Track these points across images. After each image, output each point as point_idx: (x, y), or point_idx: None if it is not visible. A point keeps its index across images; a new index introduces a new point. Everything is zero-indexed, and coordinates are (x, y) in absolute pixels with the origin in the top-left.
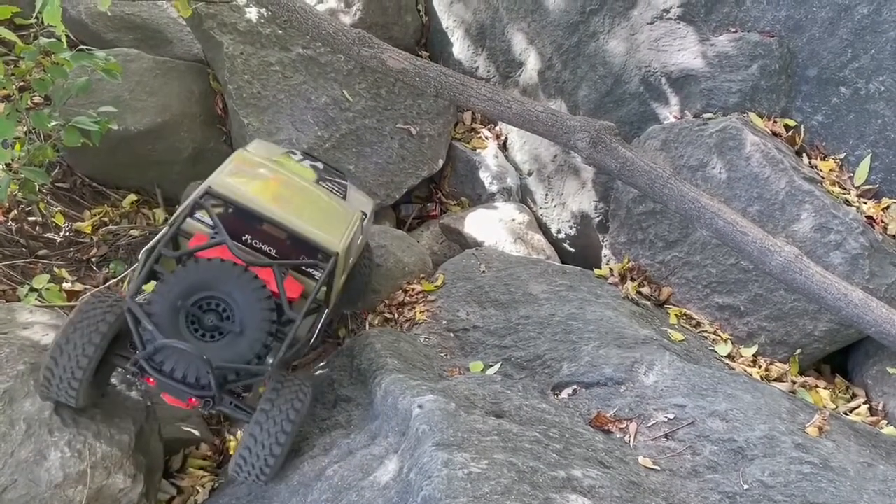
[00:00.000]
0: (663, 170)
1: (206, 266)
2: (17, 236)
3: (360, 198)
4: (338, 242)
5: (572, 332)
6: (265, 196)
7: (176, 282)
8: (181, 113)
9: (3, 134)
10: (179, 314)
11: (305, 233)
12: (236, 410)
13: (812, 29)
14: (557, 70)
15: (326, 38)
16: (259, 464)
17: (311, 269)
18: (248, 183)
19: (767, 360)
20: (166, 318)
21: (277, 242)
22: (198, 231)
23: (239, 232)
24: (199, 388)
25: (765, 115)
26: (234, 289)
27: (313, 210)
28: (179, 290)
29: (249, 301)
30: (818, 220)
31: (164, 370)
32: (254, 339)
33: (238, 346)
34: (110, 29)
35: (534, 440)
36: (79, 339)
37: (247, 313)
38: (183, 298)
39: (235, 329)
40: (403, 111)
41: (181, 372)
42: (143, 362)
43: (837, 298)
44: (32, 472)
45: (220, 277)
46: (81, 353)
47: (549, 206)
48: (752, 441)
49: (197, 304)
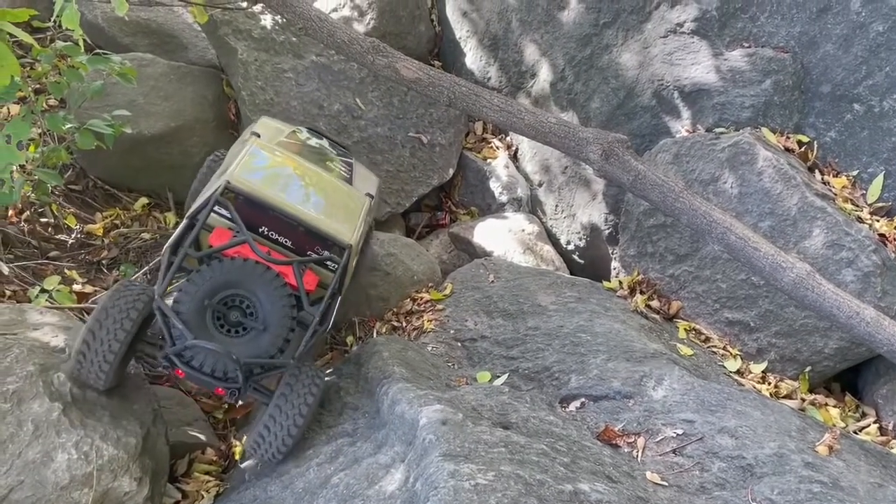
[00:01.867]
0: (675, 184)
1: (231, 266)
2: (28, 237)
3: (366, 176)
4: (350, 234)
5: (581, 344)
6: (280, 191)
7: (202, 281)
8: (194, 118)
9: (18, 136)
10: (206, 312)
11: (320, 227)
12: (255, 393)
13: (826, 45)
14: (569, 82)
15: (341, 47)
16: (276, 444)
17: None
18: (265, 177)
19: (777, 377)
20: (194, 315)
21: (293, 233)
22: (218, 225)
23: (256, 223)
24: (225, 380)
25: (777, 130)
26: (257, 287)
27: (327, 202)
28: (206, 289)
29: (272, 299)
30: (830, 237)
31: (193, 365)
32: (276, 334)
33: (261, 342)
34: (126, 33)
35: (541, 453)
36: (111, 326)
37: (269, 310)
38: (209, 297)
39: (259, 326)
40: (415, 120)
41: (210, 367)
42: (174, 357)
43: (850, 316)
44: (39, 474)
45: (244, 277)
46: (113, 339)
47: (558, 217)
48: (761, 459)
49: (222, 301)
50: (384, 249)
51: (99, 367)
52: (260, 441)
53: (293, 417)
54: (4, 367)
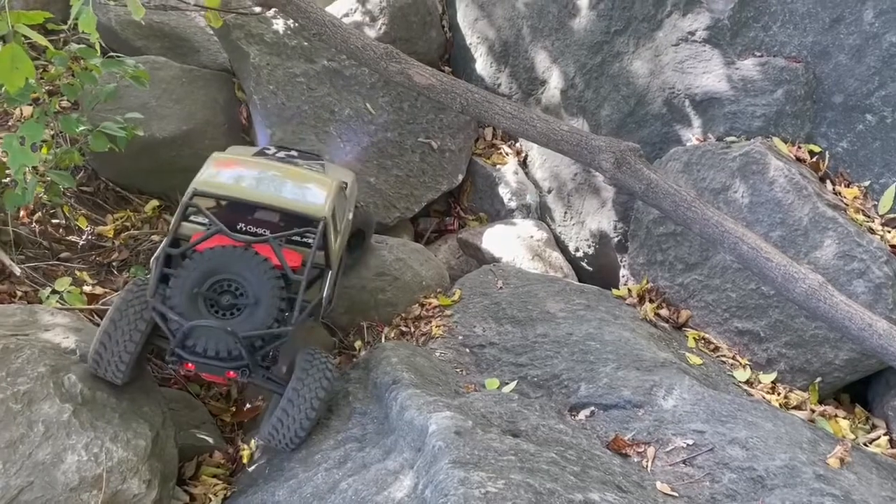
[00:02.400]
0: (687, 193)
1: (212, 254)
2: (40, 238)
3: (339, 171)
4: (322, 208)
5: (590, 352)
6: (246, 184)
7: (187, 272)
8: (206, 121)
9: (32, 137)
10: (198, 300)
11: (291, 206)
12: (268, 382)
13: (839, 55)
14: (580, 89)
15: (354, 52)
16: (292, 431)
17: (306, 239)
18: (229, 176)
19: (786, 388)
20: (187, 305)
21: (269, 224)
22: (194, 233)
23: (232, 223)
24: (232, 360)
25: (789, 140)
26: (241, 267)
27: (293, 185)
28: (193, 278)
29: (257, 274)
30: (841, 248)
31: (198, 351)
32: (269, 305)
33: (257, 315)
34: (139, 37)
35: (551, 461)
36: (125, 326)
37: (257, 286)
38: (198, 286)
39: (251, 301)
40: (425, 125)
41: (213, 349)
42: (178, 350)
43: (862, 328)
44: (49, 475)
45: (226, 261)
46: (129, 339)
47: (567, 224)
48: (772, 470)
49: (211, 288)
50: (393, 254)
51: (116, 366)
52: (277, 429)
53: (308, 405)
54: (16, 367)
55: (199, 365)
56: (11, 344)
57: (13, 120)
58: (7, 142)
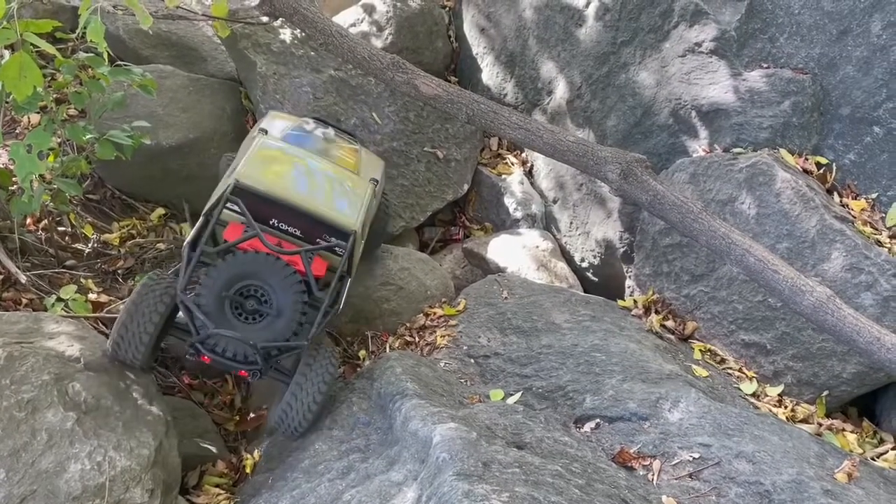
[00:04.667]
0: (694, 204)
1: (244, 259)
2: (46, 246)
3: (372, 161)
4: (354, 220)
5: (595, 363)
6: (286, 184)
7: (219, 275)
8: (212, 130)
9: (39, 145)
10: (224, 302)
11: (325, 215)
12: (276, 374)
13: (846, 67)
14: (586, 99)
15: (360, 62)
16: (299, 417)
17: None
18: (271, 172)
19: (793, 401)
20: (214, 306)
21: (302, 223)
22: (231, 221)
23: (266, 216)
24: (247, 363)
25: (796, 151)
26: (269, 277)
27: (330, 191)
28: (223, 281)
29: (283, 287)
30: (849, 260)
31: (217, 351)
32: (289, 319)
33: (276, 327)
34: (147, 46)
35: (556, 474)
36: (141, 319)
37: (282, 297)
38: (226, 289)
39: (273, 313)
40: (431, 135)
41: (232, 353)
42: (199, 345)
43: (870, 342)
44: (52, 483)
45: (257, 268)
46: (144, 331)
47: (573, 235)
48: (779, 485)
49: (238, 291)
50: (398, 264)
51: (133, 352)
52: (284, 415)
53: (313, 394)
54: (20, 375)
55: (216, 361)
56: (16, 352)
57: (21, 128)
58: (14, 150)
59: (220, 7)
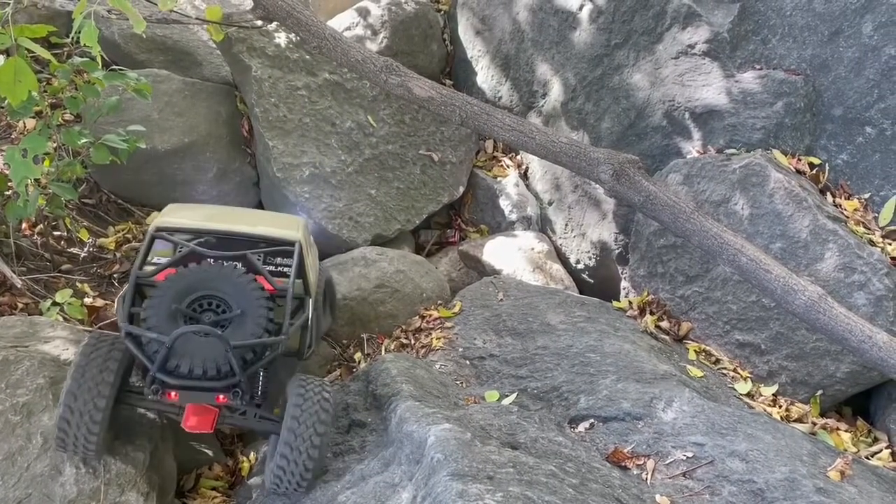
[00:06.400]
0: (686, 204)
1: (187, 271)
2: (41, 250)
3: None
4: (295, 234)
5: (590, 364)
6: (211, 219)
7: (164, 290)
8: (208, 134)
9: (34, 150)
10: (177, 318)
11: (265, 233)
12: (262, 423)
13: (838, 68)
14: (580, 101)
15: (354, 65)
16: (297, 474)
17: (281, 268)
18: (192, 215)
19: (788, 400)
20: (165, 324)
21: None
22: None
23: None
24: (221, 378)
25: (789, 152)
26: (220, 283)
27: (259, 220)
28: (170, 296)
29: (238, 287)
30: (842, 260)
31: (182, 372)
32: (256, 315)
33: (245, 326)
34: (142, 50)
35: (550, 474)
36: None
37: (240, 298)
38: (177, 301)
39: (236, 313)
40: (426, 138)
41: (200, 367)
42: (160, 375)
43: (862, 341)
44: (47, 487)
45: (203, 277)
46: (94, 408)
47: (568, 237)
48: (772, 483)
49: (191, 306)
50: (393, 266)
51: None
52: (281, 475)
53: (308, 444)
54: (15, 379)
55: (184, 393)
56: (11, 356)
57: (16, 133)
58: (10, 154)
59: (215, 11)
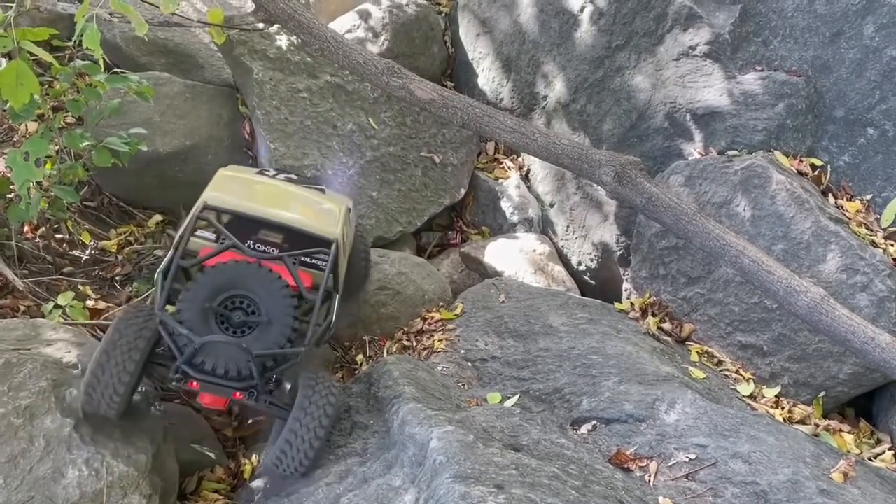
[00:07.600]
0: (688, 206)
1: (225, 268)
2: (43, 253)
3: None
4: (334, 230)
5: (592, 366)
6: (258, 201)
7: (199, 287)
8: (209, 136)
9: (36, 153)
10: (209, 316)
11: (303, 227)
12: (272, 408)
13: (840, 70)
14: (582, 103)
15: (356, 68)
16: (299, 455)
17: (315, 261)
18: (239, 192)
19: (790, 402)
20: (197, 321)
21: (275, 244)
22: (202, 247)
23: (241, 239)
24: (240, 380)
25: (790, 153)
26: (254, 284)
27: (303, 207)
28: (204, 293)
29: (270, 292)
30: (844, 261)
31: (205, 369)
32: (282, 325)
33: (269, 335)
34: (144, 53)
35: (552, 476)
36: (119, 357)
37: (270, 304)
38: (209, 300)
39: (263, 320)
40: (427, 140)
41: (223, 367)
42: (185, 367)
43: (864, 342)
44: (50, 490)
45: (239, 276)
46: (123, 370)
47: (570, 238)
48: (775, 485)
49: (223, 304)
50: (395, 268)
51: (110, 398)
52: (284, 454)
53: (313, 430)
54: (18, 382)
55: (205, 384)
56: (13, 358)
57: (18, 135)
58: (12, 157)
59: (216, 14)
